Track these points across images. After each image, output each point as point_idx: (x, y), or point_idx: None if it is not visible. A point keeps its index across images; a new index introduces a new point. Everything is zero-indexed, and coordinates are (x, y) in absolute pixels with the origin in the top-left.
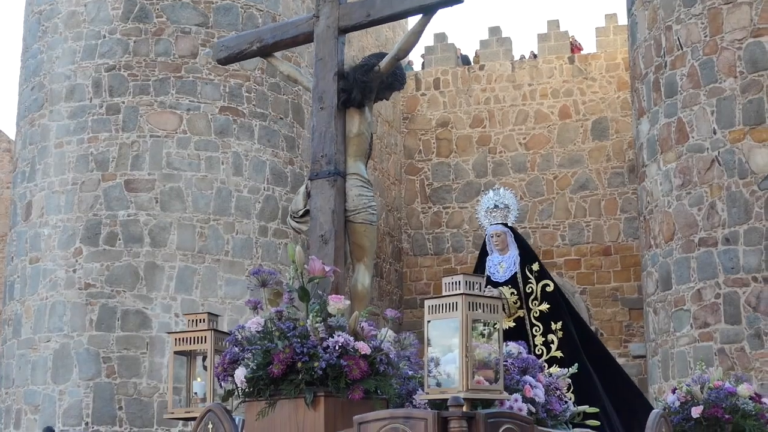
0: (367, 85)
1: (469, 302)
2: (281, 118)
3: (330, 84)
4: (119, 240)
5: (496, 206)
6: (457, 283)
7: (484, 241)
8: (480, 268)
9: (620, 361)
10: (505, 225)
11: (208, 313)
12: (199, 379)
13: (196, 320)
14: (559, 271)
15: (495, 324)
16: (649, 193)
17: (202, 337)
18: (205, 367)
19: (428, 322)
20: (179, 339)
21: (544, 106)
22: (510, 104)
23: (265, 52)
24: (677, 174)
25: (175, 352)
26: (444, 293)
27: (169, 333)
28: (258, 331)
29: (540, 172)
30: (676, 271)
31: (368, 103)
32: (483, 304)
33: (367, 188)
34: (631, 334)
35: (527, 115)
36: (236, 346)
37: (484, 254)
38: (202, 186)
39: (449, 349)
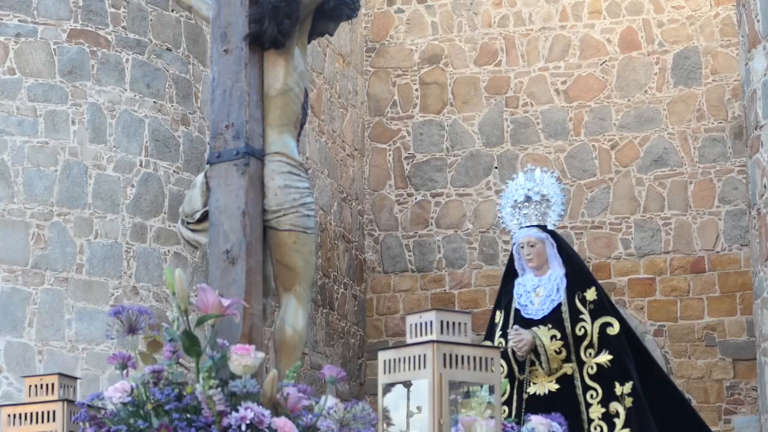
0: (282, 11)
1: (445, 354)
2: (169, 50)
3: (239, 12)
4: None
5: (528, 198)
6: (428, 324)
7: (511, 255)
8: (505, 296)
9: None
10: (544, 228)
11: (60, 374)
12: None
13: (40, 386)
14: (619, 298)
15: (491, 388)
16: (767, 172)
17: (48, 412)
18: None
19: (384, 386)
20: (15, 416)
21: (596, 31)
22: (541, 27)
23: None
24: None
25: None
26: (408, 341)
27: None
28: (123, 403)
29: (589, 137)
30: None
31: (299, 40)
32: (469, 357)
33: (299, 175)
34: (736, 400)
35: (569, 44)
36: (90, 427)
37: (511, 275)
38: (39, 159)
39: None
